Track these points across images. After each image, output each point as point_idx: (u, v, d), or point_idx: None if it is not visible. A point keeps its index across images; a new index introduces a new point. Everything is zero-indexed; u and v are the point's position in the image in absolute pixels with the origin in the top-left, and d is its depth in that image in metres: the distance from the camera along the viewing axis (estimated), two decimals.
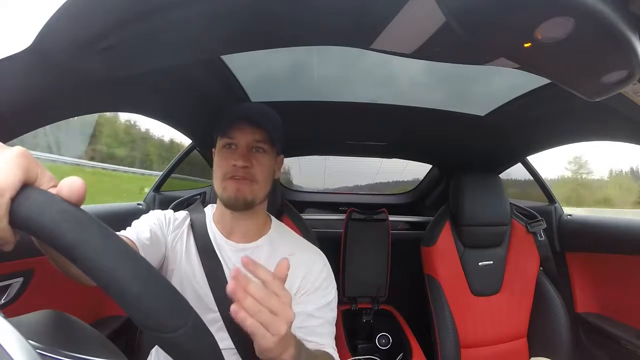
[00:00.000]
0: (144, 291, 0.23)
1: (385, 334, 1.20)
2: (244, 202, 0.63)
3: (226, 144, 0.66)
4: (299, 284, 0.64)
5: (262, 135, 0.65)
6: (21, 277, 0.73)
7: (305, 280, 0.64)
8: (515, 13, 0.33)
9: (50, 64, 0.44)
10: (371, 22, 0.42)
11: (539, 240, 1.24)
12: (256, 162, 0.64)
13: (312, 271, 0.65)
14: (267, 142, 0.66)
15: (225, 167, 0.63)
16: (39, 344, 0.23)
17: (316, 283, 0.64)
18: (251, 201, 0.64)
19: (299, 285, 0.64)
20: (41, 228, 0.22)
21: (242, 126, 0.64)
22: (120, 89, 0.64)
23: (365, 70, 0.83)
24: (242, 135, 0.64)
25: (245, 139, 0.64)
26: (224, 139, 0.66)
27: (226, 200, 0.64)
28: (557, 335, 1.12)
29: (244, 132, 0.64)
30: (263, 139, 0.65)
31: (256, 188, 0.64)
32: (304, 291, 0.64)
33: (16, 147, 0.25)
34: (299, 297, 0.63)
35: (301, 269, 0.65)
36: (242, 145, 0.65)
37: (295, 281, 0.63)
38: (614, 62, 0.37)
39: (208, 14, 0.40)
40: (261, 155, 0.65)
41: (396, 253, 1.43)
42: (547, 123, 0.98)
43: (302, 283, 0.64)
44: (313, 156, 1.72)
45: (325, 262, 0.69)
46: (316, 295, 0.63)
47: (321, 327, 0.60)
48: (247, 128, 0.64)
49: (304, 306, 0.61)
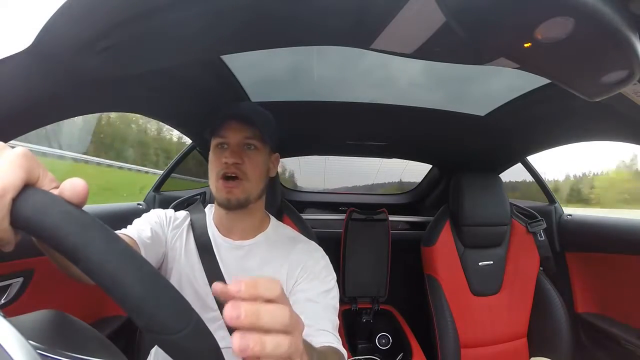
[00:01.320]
0: (147, 294, 0.23)
1: (385, 334, 1.20)
2: (237, 202, 0.64)
3: (218, 143, 0.67)
4: (299, 272, 0.65)
5: (253, 132, 0.66)
6: (21, 277, 0.73)
7: (305, 268, 0.65)
8: (515, 13, 0.33)
9: (50, 64, 0.44)
10: (371, 22, 0.42)
11: (539, 240, 1.24)
12: (247, 159, 0.65)
13: (311, 260, 0.66)
14: (258, 139, 0.67)
15: (218, 165, 0.64)
16: (39, 344, 0.23)
17: (315, 271, 0.65)
18: (244, 200, 0.65)
19: (298, 274, 0.64)
20: (43, 230, 0.22)
21: (232, 125, 0.65)
22: (120, 89, 0.64)
23: (364, 72, 0.84)
24: (232, 134, 0.65)
25: (236, 137, 0.65)
26: (216, 139, 0.67)
27: (219, 201, 0.65)
28: (557, 335, 1.12)
29: (234, 130, 0.65)
30: (253, 136, 0.66)
31: (248, 186, 0.65)
32: (303, 279, 0.64)
33: (18, 148, 0.25)
34: (299, 285, 0.63)
35: (301, 258, 0.66)
36: (233, 143, 0.65)
37: (295, 270, 0.64)
38: (614, 62, 0.37)
39: (208, 14, 0.40)
40: (253, 153, 0.66)
41: (396, 253, 1.43)
42: (547, 123, 0.98)
43: (301, 272, 0.65)
44: (313, 156, 1.72)
45: (324, 254, 0.70)
46: (316, 282, 0.63)
47: (323, 311, 0.59)
48: (237, 126, 0.65)
49: (304, 293, 0.62)
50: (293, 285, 0.64)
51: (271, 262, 0.66)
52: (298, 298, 0.61)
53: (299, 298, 0.61)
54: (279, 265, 0.66)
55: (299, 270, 0.65)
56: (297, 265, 0.65)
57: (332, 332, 0.56)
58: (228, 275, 0.65)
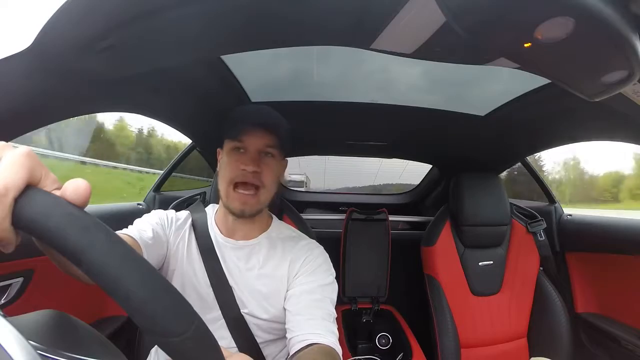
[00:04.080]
0: (149, 296, 0.23)
1: (385, 334, 1.20)
2: (250, 213, 0.64)
3: (235, 147, 0.65)
4: (299, 267, 0.65)
5: (273, 140, 0.65)
6: (21, 277, 0.73)
7: (304, 263, 0.66)
8: (515, 13, 0.33)
9: (50, 64, 0.44)
10: (371, 22, 0.42)
11: (539, 240, 1.24)
12: (265, 167, 0.64)
13: (311, 256, 0.67)
14: (277, 148, 0.66)
15: (234, 170, 0.63)
16: (39, 344, 0.23)
17: (314, 265, 0.66)
18: (257, 211, 0.65)
19: (299, 268, 0.65)
20: (45, 231, 0.22)
21: (253, 130, 0.64)
22: (120, 89, 0.64)
23: (364, 74, 0.84)
24: (253, 140, 0.64)
25: (256, 144, 0.64)
26: (233, 142, 0.65)
27: (232, 209, 0.64)
28: (557, 335, 1.12)
29: (255, 136, 0.64)
30: (273, 144, 0.65)
31: (263, 197, 0.65)
32: (302, 272, 0.65)
33: (21, 147, 0.25)
34: (298, 279, 0.64)
35: (301, 254, 0.67)
36: (253, 150, 0.64)
37: (295, 265, 0.65)
38: (614, 62, 0.37)
39: (208, 14, 0.40)
40: (270, 160, 0.65)
41: (396, 253, 1.43)
42: (547, 123, 0.98)
43: (301, 267, 0.65)
44: (313, 156, 1.72)
45: (323, 251, 0.70)
46: (314, 276, 0.64)
47: (317, 302, 0.60)
48: (259, 133, 0.64)
49: (301, 286, 0.62)
50: (293, 279, 0.65)
51: (273, 260, 0.66)
52: (295, 291, 0.62)
53: (295, 291, 0.62)
54: (280, 263, 0.66)
55: (299, 265, 0.65)
56: (298, 261, 0.66)
57: (322, 321, 0.56)
58: (230, 275, 0.65)
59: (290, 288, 0.63)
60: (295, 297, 0.61)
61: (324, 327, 0.56)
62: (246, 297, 0.64)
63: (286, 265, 0.65)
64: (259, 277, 0.65)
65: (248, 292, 0.64)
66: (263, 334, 0.65)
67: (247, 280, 0.65)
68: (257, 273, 0.65)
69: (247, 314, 0.64)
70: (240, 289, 0.64)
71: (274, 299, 0.64)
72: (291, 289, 0.63)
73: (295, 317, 0.58)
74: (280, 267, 0.65)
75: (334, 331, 0.57)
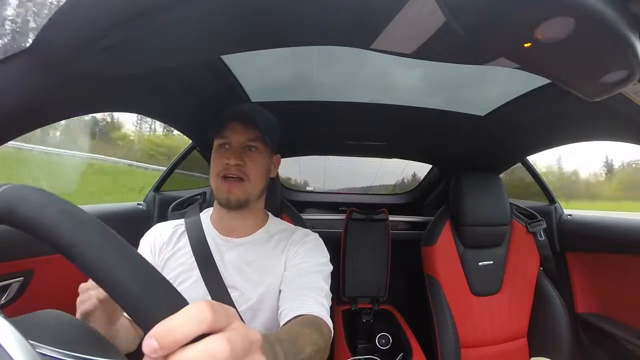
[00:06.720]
0: (144, 291, 0.23)
1: (385, 334, 1.19)
2: (237, 202, 0.65)
3: (220, 144, 0.68)
4: (294, 252, 0.67)
5: (255, 134, 0.67)
6: (21, 277, 0.73)
7: (302, 244, 0.69)
8: (516, 13, 0.33)
9: (50, 63, 0.44)
10: (371, 21, 0.42)
11: (539, 240, 1.24)
12: (249, 160, 0.66)
13: (306, 239, 0.70)
14: (260, 141, 0.67)
15: (219, 165, 0.65)
16: (39, 344, 0.23)
17: (310, 246, 0.69)
18: (244, 200, 0.66)
19: (296, 250, 0.68)
20: (40, 227, 0.22)
21: (234, 126, 0.66)
22: (120, 89, 0.64)
23: (364, 75, 0.84)
24: (235, 135, 0.66)
25: (238, 139, 0.66)
26: (218, 139, 0.68)
27: (220, 200, 0.67)
28: (557, 335, 1.12)
29: (237, 131, 0.66)
30: (256, 138, 0.67)
31: (248, 187, 0.66)
32: (296, 253, 0.67)
33: None
34: (292, 260, 0.66)
35: (297, 238, 0.70)
36: (235, 144, 0.66)
37: (291, 252, 0.68)
38: (614, 62, 0.37)
39: (208, 14, 0.40)
40: (254, 154, 0.67)
41: (396, 253, 1.43)
42: (547, 123, 0.98)
43: (299, 247, 0.68)
44: (313, 156, 1.72)
45: (317, 237, 0.73)
46: (307, 257, 0.66)
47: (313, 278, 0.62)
48: (240, 127, 0.66)
49: (294, 267, 0.65)
50: (291, 259, 0.67)
51: (270, 254, 0.68)
52: (289, 273, 0.64)
53: (289, 273, 0.64)
54: (278, 256, 0.67)
55: (296, 247, 0.68)
56: (293, 248, 0.68)
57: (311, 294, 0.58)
58: (228, 273, 0.65)
59: (286, 269, 0.65)
60: (289, 278, 0.63)
61: (312, 298, 0.57)
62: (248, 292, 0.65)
63: (283, 258, 0.67)
64: (258, 271, 0.66)
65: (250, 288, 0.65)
66: (266, 331, 0.65)
67: (248, 277, 0.66)
68: (256, 266, 0.66)
69: (248, 309, 0.64)
70: (241, 288, 0.65)
71: (274, 293, 0.64)
72: (287, 270, 0.65)
73: (285, 292, 0.60)
74: (278, 261, 0.67)
75: (323, 303, 0.58)
